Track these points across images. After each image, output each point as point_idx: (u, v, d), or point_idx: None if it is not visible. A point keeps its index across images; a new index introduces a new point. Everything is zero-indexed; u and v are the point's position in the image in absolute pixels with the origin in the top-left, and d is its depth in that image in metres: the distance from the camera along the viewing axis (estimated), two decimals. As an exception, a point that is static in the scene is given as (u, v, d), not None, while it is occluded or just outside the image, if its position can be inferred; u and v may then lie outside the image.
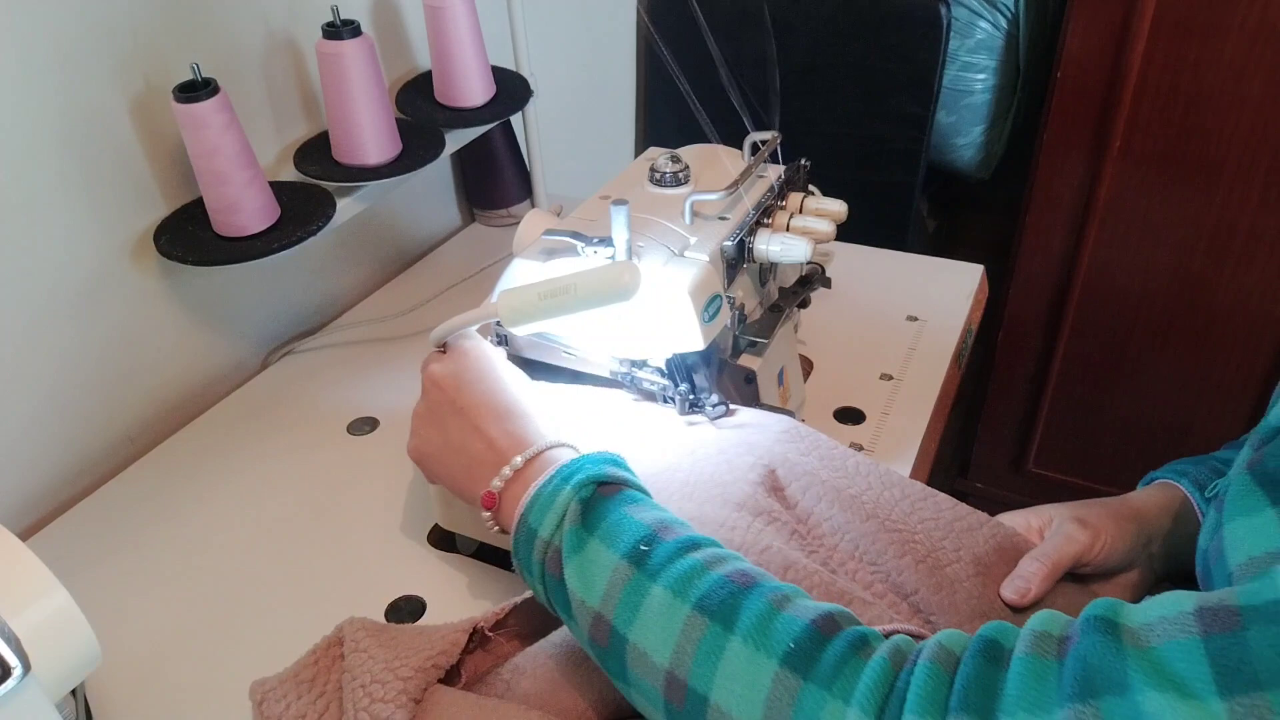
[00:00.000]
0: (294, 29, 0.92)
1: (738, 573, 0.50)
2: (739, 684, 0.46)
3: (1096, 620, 0.40)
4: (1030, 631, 0.42)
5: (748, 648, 0.46)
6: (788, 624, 0.46)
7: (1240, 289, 1.40)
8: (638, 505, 0.55)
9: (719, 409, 0.72)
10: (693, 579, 0.50)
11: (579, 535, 0.53)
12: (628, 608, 0.50)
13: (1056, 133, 1.41)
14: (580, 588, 0.52)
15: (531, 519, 0.56)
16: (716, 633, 0.47)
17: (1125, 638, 0.39)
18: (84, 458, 0.83)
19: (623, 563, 0.51)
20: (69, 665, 0.45)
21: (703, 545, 0.52)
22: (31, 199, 0.74)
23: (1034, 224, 1.51)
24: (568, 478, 0.56)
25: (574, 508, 0.54)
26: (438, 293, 1.05)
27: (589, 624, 0.52)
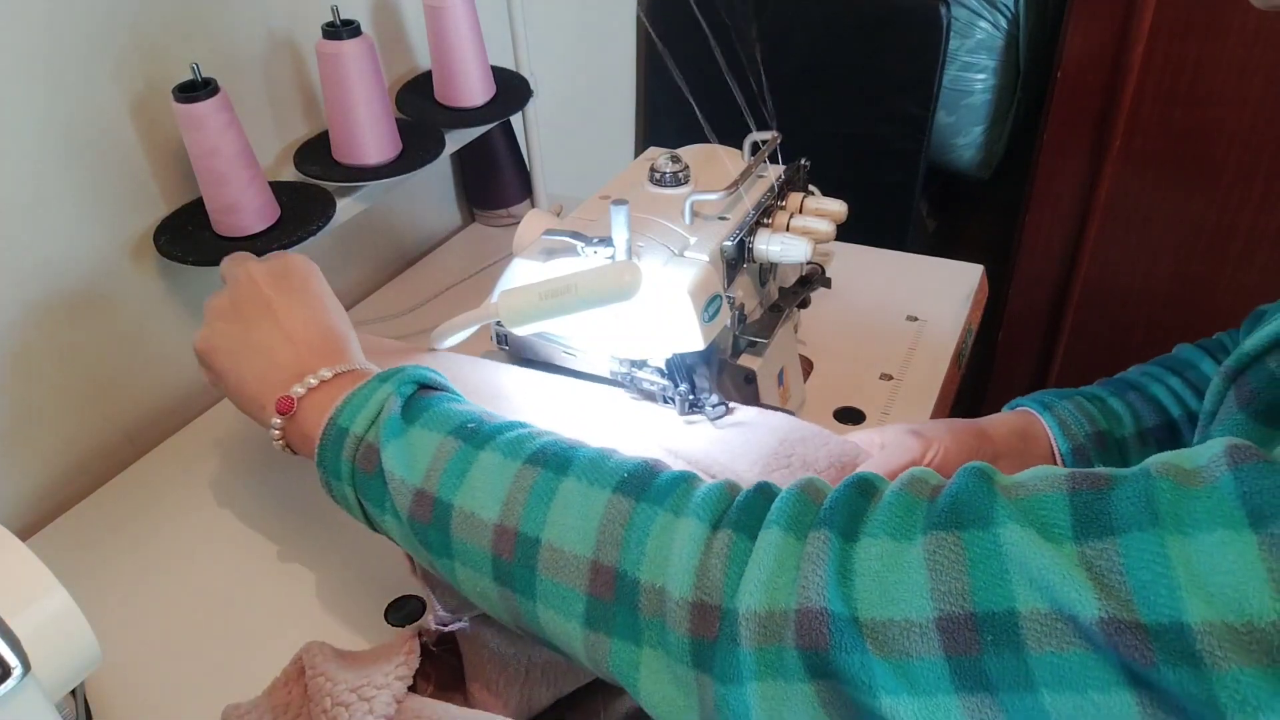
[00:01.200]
0: (294, 29, 0.92)
1: (565, 439, 0.51)
2: (572, 517, 0.46)
3: (974, 470, 0.41)
4: (907, 475, 0.43)
5: (580, 483, 0.47)
6: (620, 462, 0.48)
7: (1240, 289, 1.40)
8: (460, 402, 0.54)
9: (719, 409, 0.72)
10: (523, 442, 0.50)
11: (398, 424, 0.52)
12: (454, 475, 0.49)
13: (1056, 133, 1.41)
14: (399, 467, 0.51)
15: (342, 419, 0.53)
16: (548, 477, 0.48)
17: (998, 487, 0.40)
18: (84, 458, 0.83)
19: (448, 439, 0.51)
20: (69, 665, 0.45)
21: (530, 425, 0.52)
22: (31, 199, 0.74)
23: (1034, 224, 1.51)
24: (386, 379, 0.54)
25: (392, 400, 0.53)
26: (438, 293, 1.04)
27: (409, 503, 0.50)
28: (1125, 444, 0.67)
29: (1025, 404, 0.71)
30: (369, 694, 0.55)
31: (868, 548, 0.40)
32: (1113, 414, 0.68)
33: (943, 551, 0.38)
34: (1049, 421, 0.67)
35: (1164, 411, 0.68)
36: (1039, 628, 0.36)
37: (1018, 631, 0.36)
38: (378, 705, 0.54)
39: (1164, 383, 0.70)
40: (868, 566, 0.40)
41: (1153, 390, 0.69)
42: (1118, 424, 0.68)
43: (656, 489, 0.46)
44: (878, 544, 0.40)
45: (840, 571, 0.40)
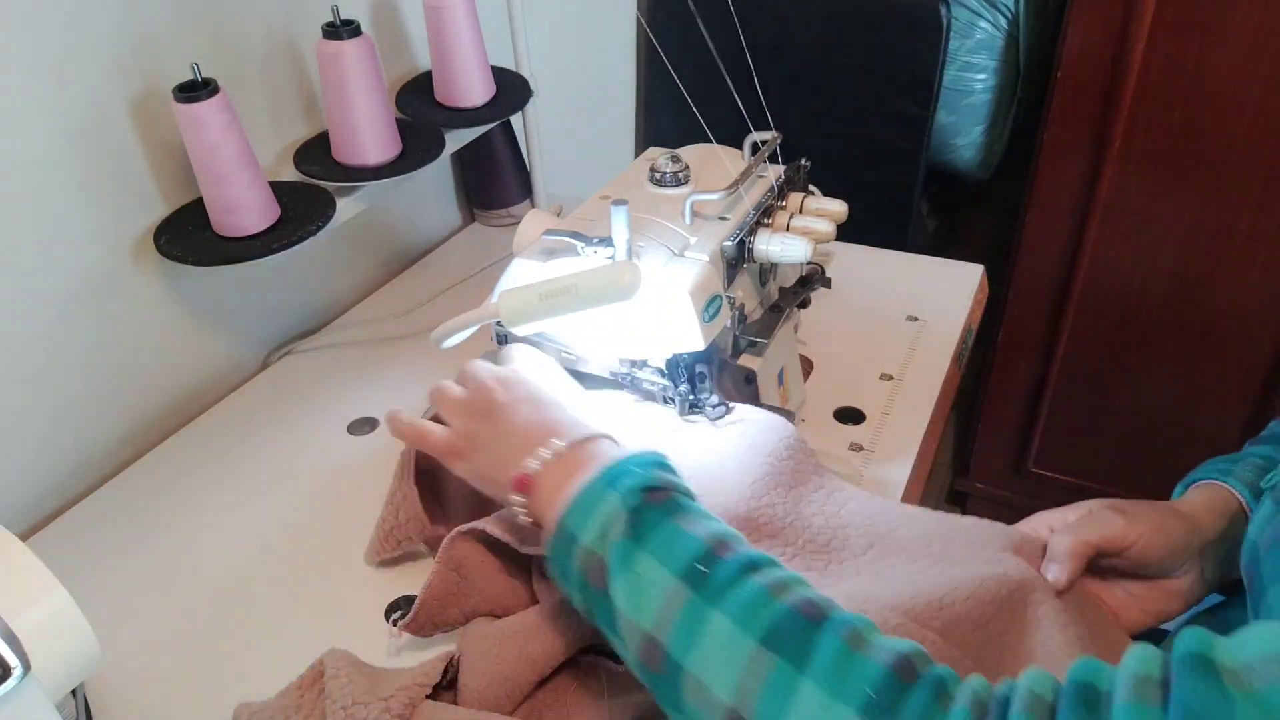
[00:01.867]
0: (294, 29, 0.92)
1: (805, 603, 0.47)
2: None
3: (1193, 659, 0.39)
4: (1130, 675, 0.40)
5: (821, 692, 0.43)
6: (864, 668, 0.44)
7: (1240, 289, 1.40)
8: (688, 515, 0.52)
9: (719, 409, 0.72)
10: (758, 608, 0.46)
11: (627, 549, 0.50)
12: (685, 634, 0.47)
13: (1056, 133, 1.41)
14: (630, 607, 0.49)
15: (572, 524, 0.52)
16: (786, 672, 0.44)
17: (1227, 679, 0.37)
18: (84, 458, 0.83)
19: (678, 583, 0.48)
20: (69, 665, 0.45)
21: (762, 566, 0.49)
22: (32, 199, 0.74)
23: (1034, 224, 1.51)
24: (612, 481, 0.52)
25: (621, 517, 0.51)
26: (438, 293, 1.05)
27: (639, 646, 0.49)
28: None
29: (1204, 477, 0.67)
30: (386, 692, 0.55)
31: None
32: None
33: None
34: (1239, 489, 0.64)
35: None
36: None
37: None
38: (394, 704, 0.54)
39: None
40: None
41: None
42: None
43: (907, 713, 0.42)
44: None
45: None
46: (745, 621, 0.46)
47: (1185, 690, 0.38)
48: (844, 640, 0.45)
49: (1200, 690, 0.37)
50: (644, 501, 0.51)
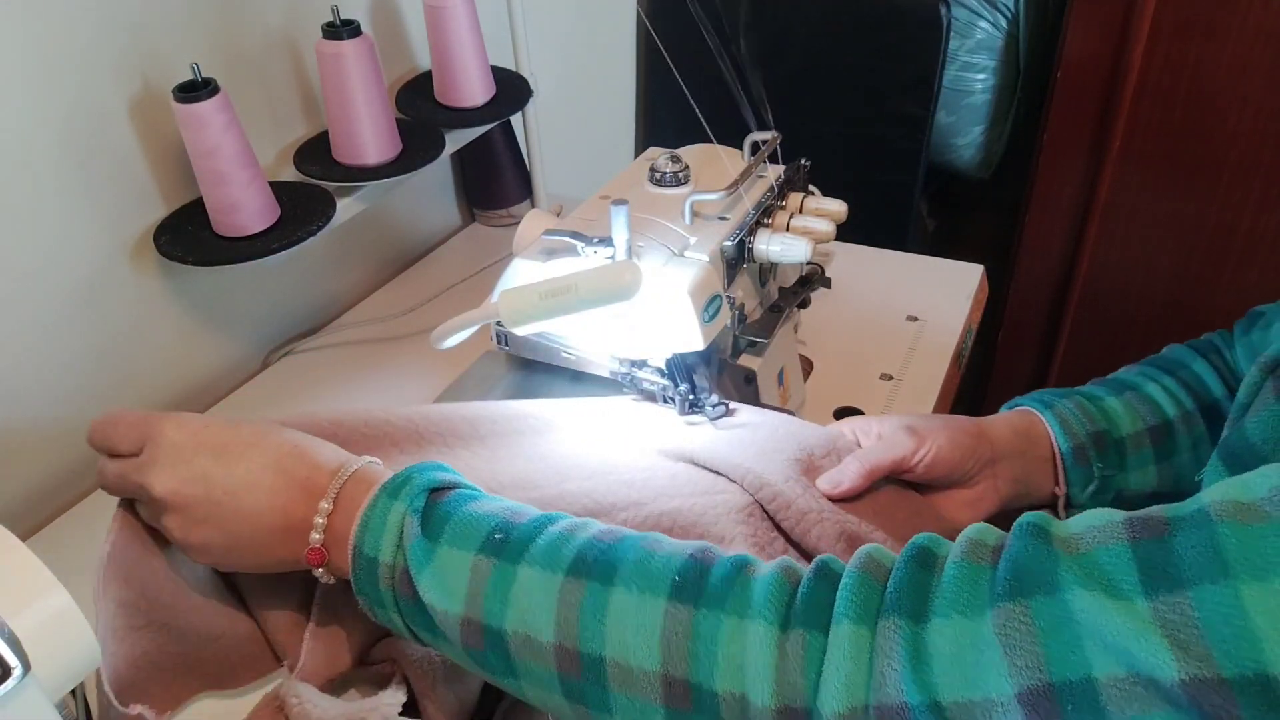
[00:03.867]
0: (294, 29, 0.92)
1: (602, 532, 0.49)
2: (630, 632, 0.45)
3: (1029, 526, 0.41)
4: (964, 539, 0.43)
5: (631, 594, 0.45)
6: (665, 561, 0.46)
7: (1240, 289, 1.40)
8: (478, 501, 0.52)
9: (719, 409, 0.72)
10: (558, 548, 0.48)
11: (424, 546, 0.49)
12: (497, 600, 0.47)
13: (1056, 133, 1.41)
14: (439, 598, 0.48)
15: (366, 548, 0.51)
16: (596, 589, 0.46)
17: (1056, 543, 0.39)
18: (84, 458, 0.83)
19: (479, 557, 0.49)
20: (69, 665, 0.45)
21: (557, 519, 0.51)
22: (32, 199, 0.74)
23: (1034, 224, 1.51)
24: (394, 492, 0.51)
25: (410, 520, 0.50)
26: (438, 293, 1.04)
27: (459, 631, 0.48)
28: (1123, 443, 0.67)
29: (1025, 403, 0.70)
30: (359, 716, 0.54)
31: (939, 630, 0.40)
32: (1111, 413, 0.68)
33: (1013, 624, 0.38)
34: (1050, 420, 0.67)
35: (1160, 411, 0.68)
36: (1119, 693, 0.35)
37: (1098, 699, 0.36)
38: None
39: (1158, 382, 0.70)
40: (941, 650, 0.39)
41: (1148, 390, 0.69)
42: (1116, 423, 0.68)
43: (712, 590, 0.44)
44: (949, 624, 0.40)
45: (914, 659, 0.40)
46: (549, 563, 0.48)
47: (1016, 549, 0.40)
48: (642, 547, 0.48)
49: (1030, 548, 0.40)
50: (430, 501, 0.52)
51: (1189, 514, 0.38)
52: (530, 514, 0.51)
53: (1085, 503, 0.67)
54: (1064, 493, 0.67)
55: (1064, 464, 0.66)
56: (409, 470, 0.53)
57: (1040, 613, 0.38)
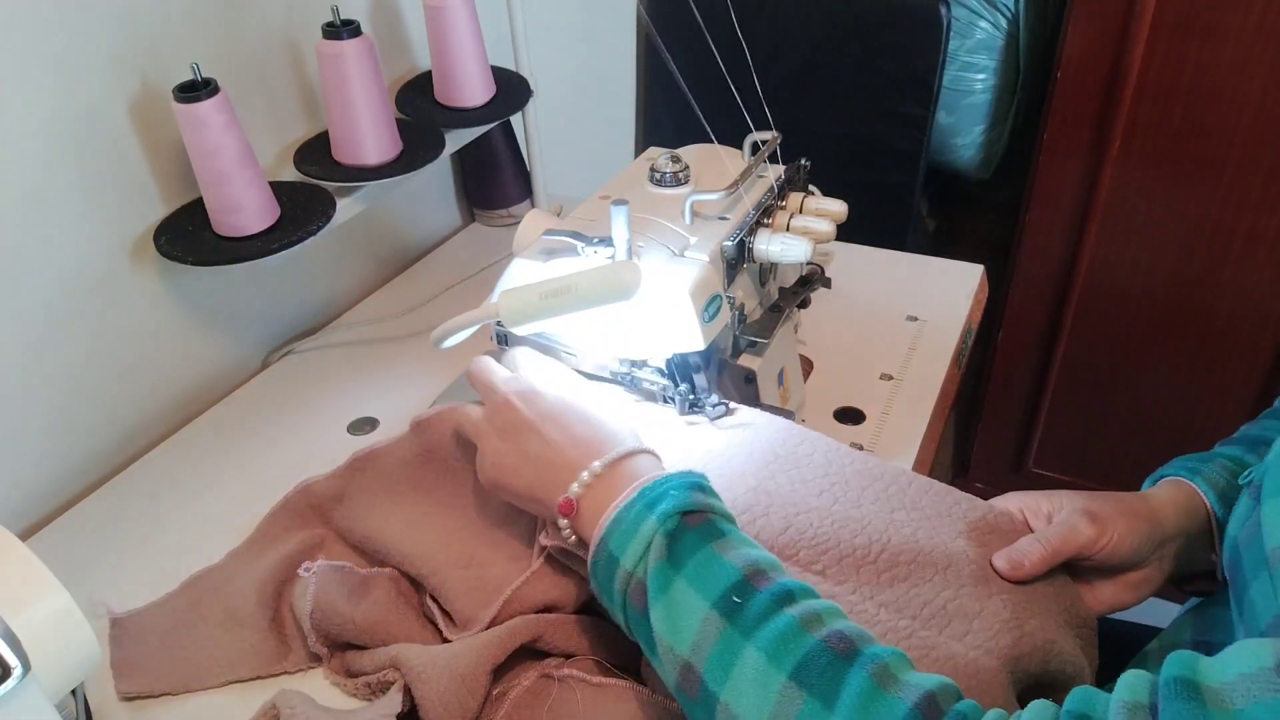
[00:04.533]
0: (294, 29, 0.92)
1: (836, 636, 0.48)
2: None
3: (1178, 683, 0.40)
4: (1120, 703, 0.42)
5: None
6: (890, 707, 0.44)
7: (1240, 289, 1.40)
8: (724, 540, 0.53)
9: (719, 409, 0.72)
10: (789, 642, 0.47)
11: (665, 574, 0.51)
12: (719, 665, 0.48)
13: (1056, 133, 1.41)
14: (668, 633, 0.50)
15: (613, 545, 0.54)
16: (815, 709, 0.45)
17: (1209, 699, 0.39)
18: (84, 458, 0.83)
19: (713, 613, 0.49)
20: (69, 665, 0.45)
21: (797, 597, 0.50)
22: (32, 199, 0.74)
23: (1034, 224, 1.51)
24: (651, 504, 0.54)
25: (659, 541, 0.52)
26: (438, 293, 1.04)
27: (677, 672, 0.50)
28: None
29: (1172, 473, 0.68)
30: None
31: None
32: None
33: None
34: (1203, 488, 0.66)
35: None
36: None
37: None
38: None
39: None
40: None
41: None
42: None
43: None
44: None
45: None
46: (776, 656, 0.47)
47: (1170, 714, 0.39)
48: (872, 677, 0.46)
49: (1184, 713, 0.39)
50: (681, 525, 0.53)
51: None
52: (771, 579, 0.51)
53: None
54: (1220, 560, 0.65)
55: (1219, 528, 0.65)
56: (669, 481, 0.55)
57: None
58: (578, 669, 0.60)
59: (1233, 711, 0.38)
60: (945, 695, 0.45)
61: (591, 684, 0.59)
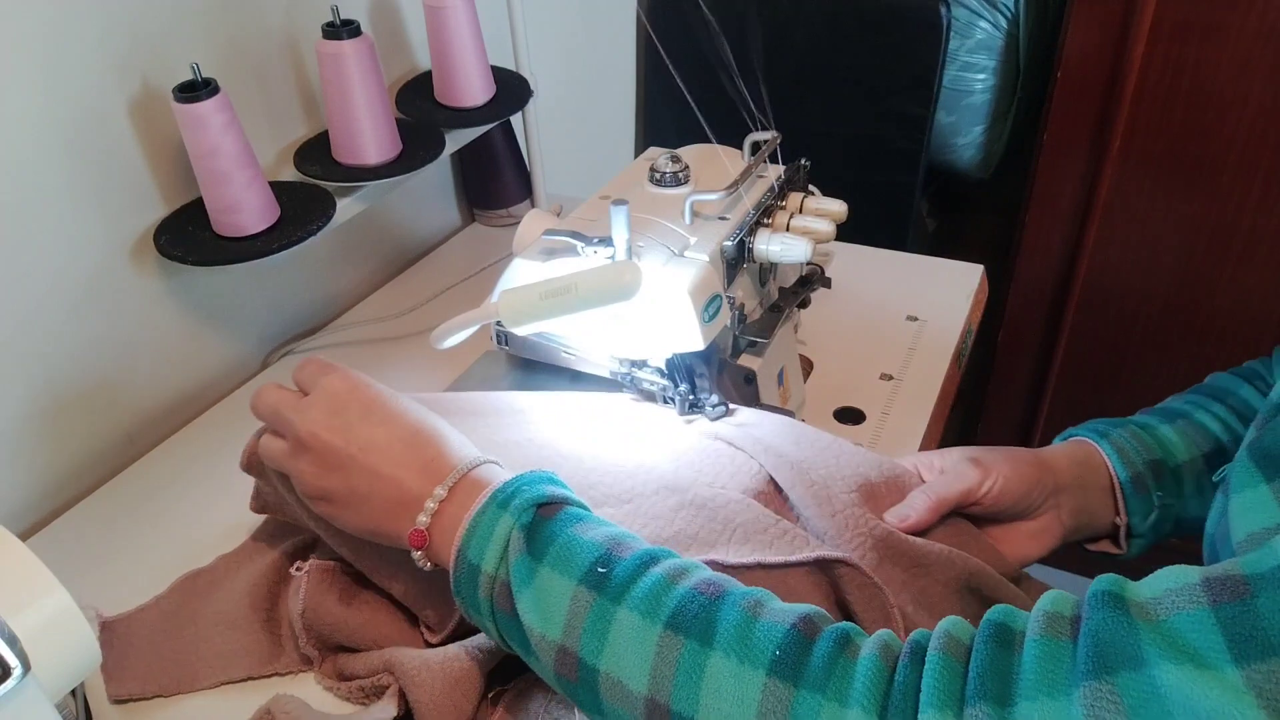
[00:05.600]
0: (294, 29, 0.92)
1: (704, 583, 0.48)
2: (726, 700, 0.44)
3: (1103, 595, 0.40)
4: (1041, 613, 0.42)
5: (730, 661, 0.45)
6: (768, 631, 0.45)
7: (1240, 289, 1.40)
8: (584, 523, 0.52)
9: (719, 409, 0.72)
10: (659, 596, 0.48)
11: (527, 564, 0.50)
12: (594, 636, 0.48)
13: (1056, 133, 1.41)
14: (538, 621, 0.49)
15: (471, 553, 0.52)
16: (694, 649, 0.46)
17: (1134, 611, 0.39)
18: (84, 458, 0.83)
19: (580, 588, 0.49)
20: (69, 665, 0.45)
21: (660, 558, 0.50)
22: (31, 199, 0.74)
23: (1034, 224, 1.51)
24: (504, 503, 0.52)
25: (516, 535, 0.51)
26: (438, 293, 1.04)
27: (553, 658, 0.49)
28: (1180, 471, 0.67)
29: (1080, 433, 0.70)
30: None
31: (1026, 714, 0.39)
32: (1165, 442, 0.68)
33: (1101, 704, 0.37)
34: (1107, 450, 0.67)
35: (1213, 437, 0.68)
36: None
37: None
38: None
39: (1208, 410, 0.70)
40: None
41: (1199, 417, 0.69)
42: (1171, 452, 0.67)
43: (814, 670, 0.44)
44: (1035, 707, 0.39)
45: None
46: (649, 611, 0.47)
47: (1094, 622, 0.40)
48: (744, 609, 0.47)
49: (1108, 621, 0.39)
50: (537, 517, 0.52)
51: (1269, 571, 0.37)
52: (634, 547, 0.51)
53: (1146, 532, 0.67)
54: (1125, 522, 0.67)
55: (1124, 493, 0.66)
56: (519, 480, 0.54)
57: (1127, 690, 0.37)
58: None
59: (1156, 621, 0.38)
60: (820, 617, 0.47)
61: None
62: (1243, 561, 0.39)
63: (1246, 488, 0.47)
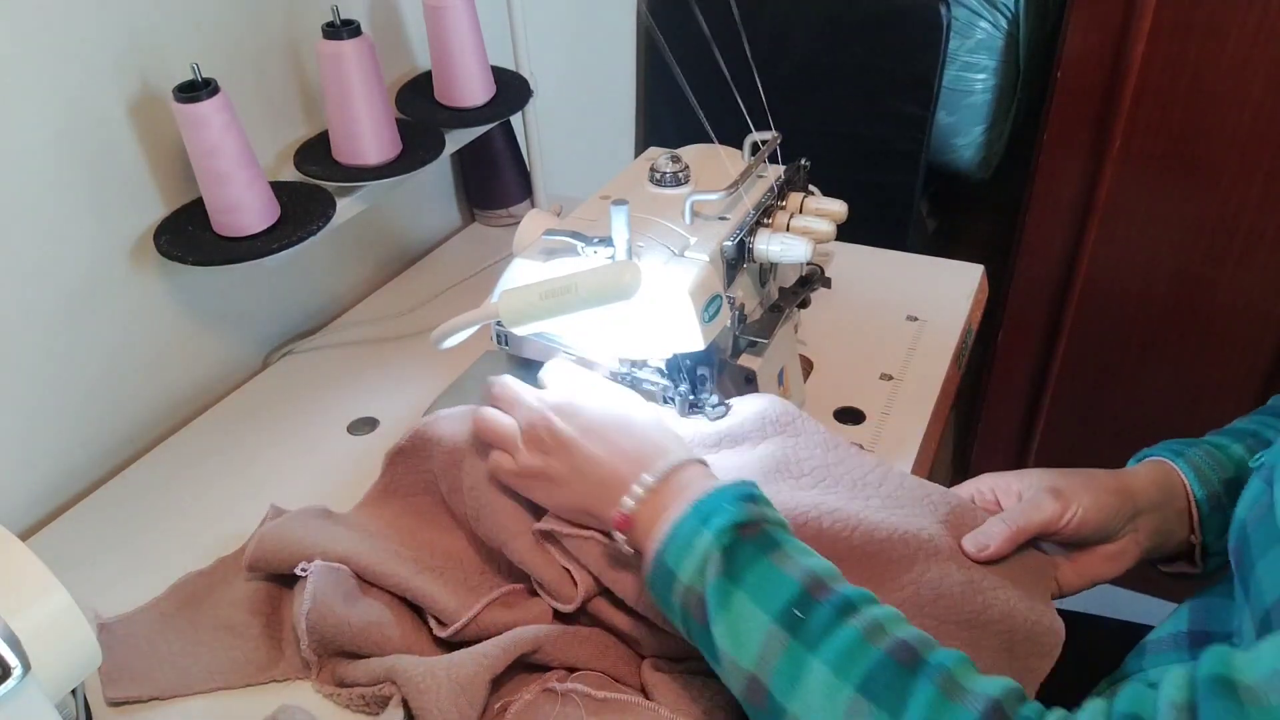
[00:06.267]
0: (294, 29, 0.92)
1: (900, 647, 0.49)
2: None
3: (1215, 681, 0.41)
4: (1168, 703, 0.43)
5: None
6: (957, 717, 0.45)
7: (1240, 289, 1.40)
8: (780, 552, 0.53)
9: (719, 409, 0.72)
10: (854, 655, 0.48)
11: (724, 589, 0.52)
12: (785, 679, 0.49)
13: (1056, 133, 1.41)
14: (732, 647, 0.51)
15: (670, 560, 0.54)
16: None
17: (1244, 696, 0.40)
18: (84, 458, 0.83)
19: (775, 627, 0.50)
20: (69, 665, 0.45)
21: (859, 606, 0.51)
22: (32, 200, 0.74)
23: (1034, 224, 1.51)
24: (705, 518, 0.54)
25: (715, 556, 0.52)
26: (438, 293, 1.04)
27: (744, 684, 0.51)
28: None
29: (1157, 453, 0.70)
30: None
31: None
32: (1238, 460, 0.67)
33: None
34: (1184, 469, 0.67)
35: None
36: None
37: None
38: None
39: (1277, 429, 0.69)
40: None
41: (1268, 436, 0.69)
42: (1245, 469, 0.67)
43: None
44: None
45: None
46: (842, 670, 0.48)
47: (1210, 713, 0.41)
48: (938, 688, 0.46)
49: (1223, 712, 0.40)
50: (737, 538, 0.53)
51: None
52: (831, 589, 0.51)
53: (1221, 550, 0.67)
54: (1200, 540, 0.67)
55: (1200, 512, 0.66)
56: (723, 494, 0.55)
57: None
58: (581, 683, 0.60)
59: (1268, 708, 0.39)
60: (1009, 699, 0.46)
61: (596, 698, 0.59)
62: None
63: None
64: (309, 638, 0.62)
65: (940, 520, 0.65)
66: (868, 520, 0.63)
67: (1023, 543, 0.64)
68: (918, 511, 0.65)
